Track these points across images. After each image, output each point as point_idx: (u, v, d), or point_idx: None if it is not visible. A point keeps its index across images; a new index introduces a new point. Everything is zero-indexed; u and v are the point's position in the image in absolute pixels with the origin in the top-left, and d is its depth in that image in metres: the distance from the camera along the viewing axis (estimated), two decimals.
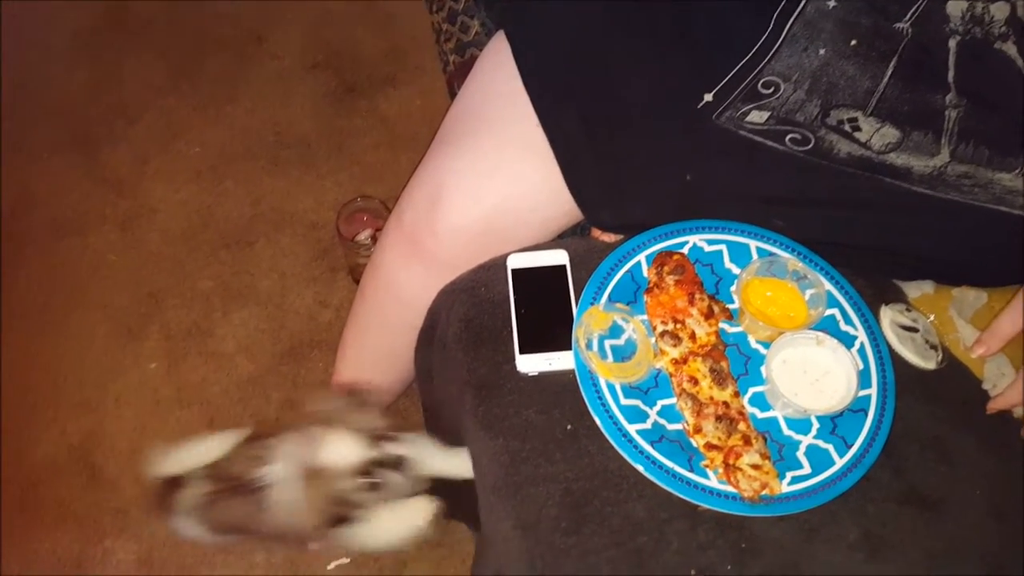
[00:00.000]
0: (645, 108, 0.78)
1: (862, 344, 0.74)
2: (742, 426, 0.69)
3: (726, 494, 0.66)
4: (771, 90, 0.73)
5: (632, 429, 0.68)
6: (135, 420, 1.35)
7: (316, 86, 1.70)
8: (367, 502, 0.77)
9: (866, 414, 0.70)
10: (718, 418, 0.69)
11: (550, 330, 0.75)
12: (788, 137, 0.74)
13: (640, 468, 0.67)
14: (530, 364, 0.75)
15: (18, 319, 1.44)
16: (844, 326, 0.75)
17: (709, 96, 0.75)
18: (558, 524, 0.67)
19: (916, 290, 0.80)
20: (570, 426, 0.71)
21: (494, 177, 0.80)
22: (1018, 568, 0.67)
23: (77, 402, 1.37)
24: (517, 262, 0.80)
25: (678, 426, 0.70)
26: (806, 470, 0.68)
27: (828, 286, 0.76)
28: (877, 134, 0.72)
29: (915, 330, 0.76)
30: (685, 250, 0.77)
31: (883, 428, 0.69)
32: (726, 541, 0.65)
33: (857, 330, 0.74)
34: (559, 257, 0.81)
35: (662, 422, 0.70)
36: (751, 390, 0.72)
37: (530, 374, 0.75)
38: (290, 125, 1.65)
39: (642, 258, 0.78)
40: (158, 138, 1.63)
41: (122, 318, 1.44)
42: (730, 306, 0.76)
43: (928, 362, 0.74)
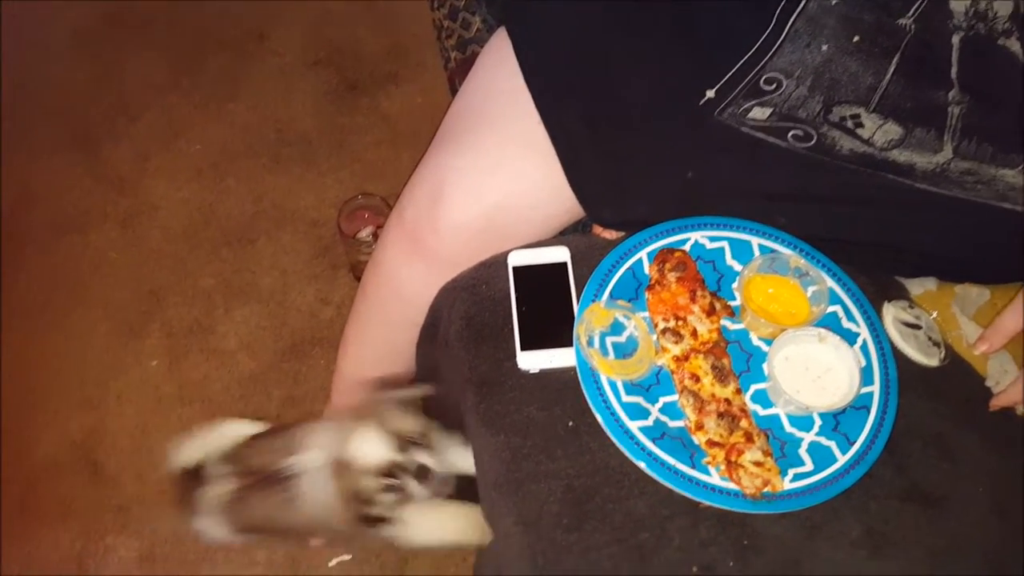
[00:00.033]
0: (647, 105, 0.78)
1: (864, 341, 0.74)
2: (744, 423, 0.69)
3: (728, 491, 0.66)
4: (773, 86, 0.73)
5: (634, 426, 0.68)
6: (136, 417, 1.35)
7: (317, 83, 1.70)
8: (386, 504, 0.76)
9: (868, 411, 0.70)
10: (720, 415, 0.69)
11: (551, 327, 0.75)
12: (790, 134, 0.74)
13: (642, 465, 0.67)
14: (531, 361, 0.75)
15: (19, 317, 1.44)
16: (846, 323, 0.75)
17: (711, 93, 0.74)
18: (560, 521, 0.67)
19: (919, 287, 0.80)
20: (571, 423, 0.71)
21: (495, 174, 0.80)
22: (1020, 565, 0.67)
23: (78, 399, 1.37)
24: (518, 259, 0.80)
25: (680, 423, 0.70)
26: (808, 467, 0.68)
27: (830, 283, 0.76)
28: (880, 131, 0.72)
29: (918, 327, 0.75)
30: (687, 247, 0.77)
31: (885, 425, 0.69)
32: (728, 538, 0.65)
33: (859, 327, 0.74)
34: (560, 254, 0.81)
35: (664, 419, 0.70)
36: (753, 387, 0.72)
37: (531, 371, 0.75)
38: (291, 122, 1.65)
39: (644, 255, 0.77)
40: (159, 136, 1.63)
41: (123, 316, 1.44)
42: (732, 303, 0.75)
43: (931, 359, 0.74)
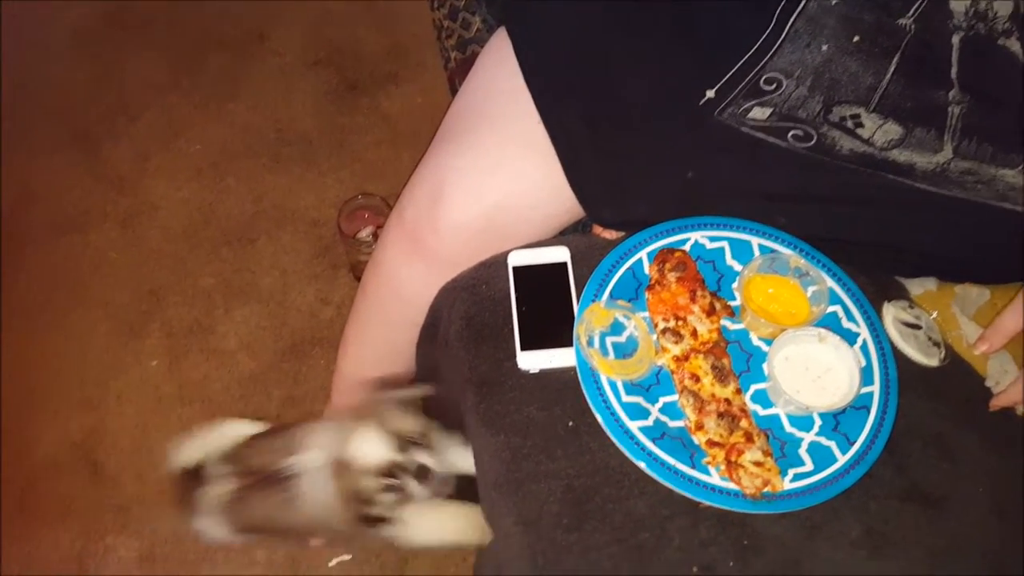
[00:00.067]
0: (647, 105, 0.78)
1: (864, 341, 0.74)
2: (744, 423, 0.69)
3: (728, 491, 0.66)
4: (773, 86, 0.73)
5: (634, 426, 0.68)
6: (136, 417, 1.35)
7: (318, 83, 1.70)
8: (386, 504, 0.76)
9: (868, 411, 0.70)
10: (720, 415, 0.69)
11: (551, 327, 0.75)
12: (790, 134, 0.74)
13: (642, 465, 0.66)
14: (531, 361, 0.74)
15: (19, 317, 1.44)
16: (846, 323, 0.75)
17: (711, 93, 0.74)
18: (560, 521, 0.67)
19: (919, 287, 0.80)
20: (571, 423, 0.71)
21: (495, 174, 0.80)
22: (1020, 566, 0.67)
23: (78, 399, 1.37)
24: (518, 259, 0.80)
25: (680, 423, 0.70)
26: (808, 467, 0.68)
27: (830, 283, 0.76)
28: (880, 130, 0.72)
29: (918, 327, 0.75)
30: (687, 247, 0.77)
31: (885, 425, 0.69)
32: (728, 538, 0.65)
33: (859, 327, 0.74)
34: (560, 254, 0.80)
35: (664, 419, 0.70)
36: (753, 387, 0.72)
37: (531, 371, 0.75)
38: (291, 122, 1.65)
39: (644, 255, 0.77)
40: (159, 135, 1.63)
41: (123, 315, 1.44)
42: (732, 303, 0.75)
43: (931, 359, 0.74)
